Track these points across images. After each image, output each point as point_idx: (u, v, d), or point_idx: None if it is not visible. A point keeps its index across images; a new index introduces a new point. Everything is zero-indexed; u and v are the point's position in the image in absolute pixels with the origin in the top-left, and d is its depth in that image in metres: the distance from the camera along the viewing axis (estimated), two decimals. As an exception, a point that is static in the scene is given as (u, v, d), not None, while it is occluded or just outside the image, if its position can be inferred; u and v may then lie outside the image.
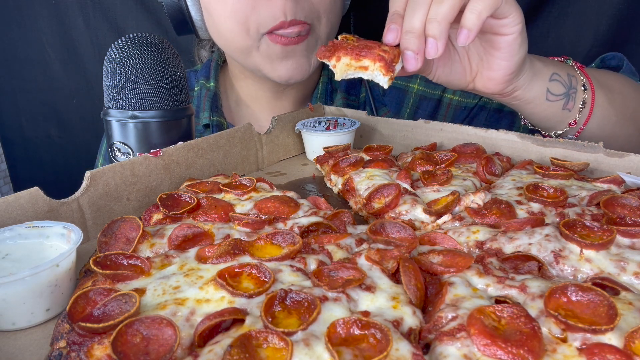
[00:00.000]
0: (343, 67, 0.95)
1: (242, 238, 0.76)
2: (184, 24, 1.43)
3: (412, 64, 0.93)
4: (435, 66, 1.08)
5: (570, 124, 1.13)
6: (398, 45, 0.94)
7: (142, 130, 1.05)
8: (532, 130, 1.22)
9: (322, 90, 1.61)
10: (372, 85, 1.64)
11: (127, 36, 1.06)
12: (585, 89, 1.12)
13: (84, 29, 2.30)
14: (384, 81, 0.93)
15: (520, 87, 1.07)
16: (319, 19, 1.34)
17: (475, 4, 0.88)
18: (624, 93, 1.19)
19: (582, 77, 1.12)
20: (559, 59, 1.17)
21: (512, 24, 0.94)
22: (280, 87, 1.58)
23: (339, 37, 0.98)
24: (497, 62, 1.01)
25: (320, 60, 0.97)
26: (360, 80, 1.65)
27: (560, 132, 1.16)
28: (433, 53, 0.91)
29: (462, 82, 1.10)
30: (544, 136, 1.18)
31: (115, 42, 1.06)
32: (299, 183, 1.19)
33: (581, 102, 1.11)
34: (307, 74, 1.45)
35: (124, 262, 0.69)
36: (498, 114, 1.54)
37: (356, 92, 1.65)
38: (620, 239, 0.71)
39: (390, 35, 0.94)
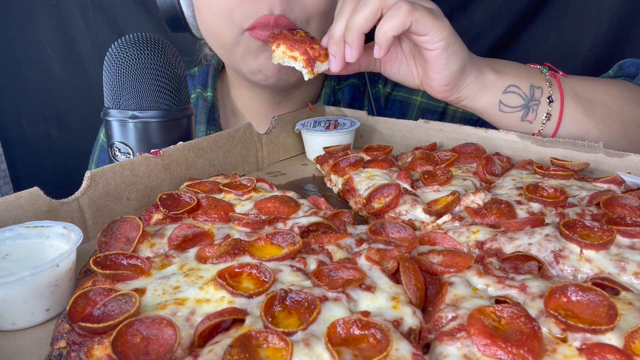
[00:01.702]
0: (280, 54, 1.11)
1: (242, 238, 0.76)
2: (176, 20, 1.41)
3: (332, 65, 1.08)
4: (382, 65, 1.18)
5: (534, 134, 1.15)
6: None
7: (142, 130, 1.05)
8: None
9: (325, 103, 1.59)
10: (375, 96, 1.64)
11: (127, 36, 1.06)
12: (551, 102, 1.12)
13: (84, 29, 2.30)
14: (304, 73, 1.09)
15: (465, 98, 1.13)
16: (307, 22, 1.30)
17: (383, 23, 0.98)
18: (610, 106, 1.16)
19: (549, 89, 1.13)
20: (539, 66, 1.18)
21: (433, 42, 1.01)
22: (276, 97, 1.54)
23: (295, 31, 1.15)
24: (430, 73, 1.09)
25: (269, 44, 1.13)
26: (363, 92, 1.65)
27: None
28: (349, 58, 1.05)
29: (412, 83, 1.18)
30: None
31: (115, 42, 1.06)
32: (299, 183, 1.19)
33: (545, 114, 1.13)
34: (289, 76, 1.37)
35: (124, 262, 0.69)
36: None
37: (359, 105, 1.64)
38: (620, 239, 0.71)
39: (325, 38, 1.10)
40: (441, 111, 1.58)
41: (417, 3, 0.98)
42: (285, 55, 1.09)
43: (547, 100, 1.12)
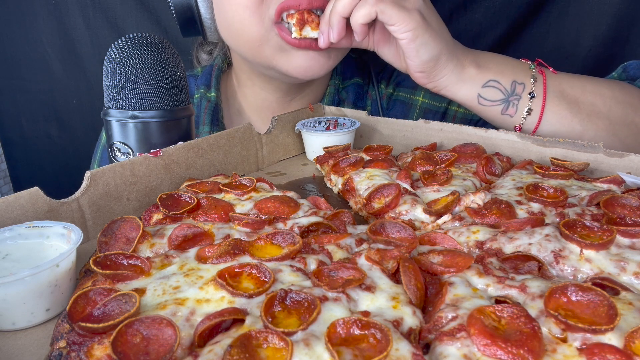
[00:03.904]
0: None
1: (242, 238, 0.76)
2: (192, 23, 1.37)
3: (320, 40, 1.20)
4: (375, 45, 1.25)
5: (515, 128, 1.19)
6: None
7: (142, 130, 1.05)
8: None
9: (329, 102, 1.58)
10: (379, 96, 1.64)
11: (127, 36, 1.06)
12: (532, 97, 1.16)
13: (84, 29, 2.30)
14: (292, 30, 1.23)
15: (443, 87, 1.19)
16: None
17: (355, 12, 1.10)
18: (597, 105, 1.18)
19: (532, 85, 1.16)
20: (529, 62, 1.21)
21: (400, 31, 1.08)
22: (288, 96, 1.54)
23: None
24: (407, 61, 1.17)
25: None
26: (366, 92, 1.65)
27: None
28: (331, 38, 1.16)
29: (398, 66, 1.25)
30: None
31: (115, 42, 1.06)
32: (299, 183, 1.19)
33: (526, 109, 1.17)
34: (325, 67, 1.36)
35: (124, 262, 0.69)
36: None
37: (363, 105, 1.64)
38: (620, 239, 0.71)
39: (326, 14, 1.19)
40: (443, 111, 1.58)
41: None
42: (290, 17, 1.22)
43: (529, 96, 1.16)
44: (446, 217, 0.87)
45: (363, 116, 1.37)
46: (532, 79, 1.17)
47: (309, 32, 1.22)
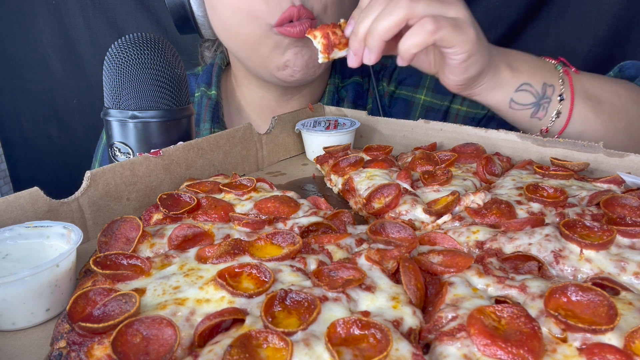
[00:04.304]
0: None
1: (242, 238, 0.75)
2: (185, 21, 1.39)
3: (350, 61, 1.08)
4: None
5: (542, 131, 1.16)
6: None
7: (142, 130, 1.05)
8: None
9: (329, 101, 1.59)
10: (379, 95, 1.64)
11: (127, 36, 1.06)
12: (562, 100, 1.13)
13: (84, 29, 2.30)
14: (320, 56, 1.10)
15: (478, 94, 1.14)
16: (325, 11, 1.30)
17: (406, 39, 0.99)
18: (616, 105, 1.16)
19: (561, 87, 1.13)
20: (554, 61, 1.18)
21: (456, 53, 1.02)
22: (286, 95, 1.55)
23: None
24: (447, 74, 1.10)
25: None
26: (367, 90, 1.64)
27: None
28: (367, 60, 1.05)
29: (427, 70, 1.18)
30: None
31: (115, 42, 1.06)
32: (299, 183, 1.19)
33: (555, 113, 1.13)
34: (315, 70, 1.38)
35: (124, 262, 0.69)
36: (510, 125, 1.51)
37: (363, 103, 1.64)
38: (620, 239, 0.71)
39: (348, 28, 1.08)
40: (445, 109, 1.58)
41: (442, 18, 0.98)
42: (309, 33, 1.12)
43: (558, 99, 1.12)
44: (446, 217, 0.87)
45: (363, 116, 1.37)
46: (560, 80, 1.14)
47: (337, 53, 1.11)
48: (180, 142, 1.06)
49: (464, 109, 1.56)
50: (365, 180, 1.01)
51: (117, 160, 1.05)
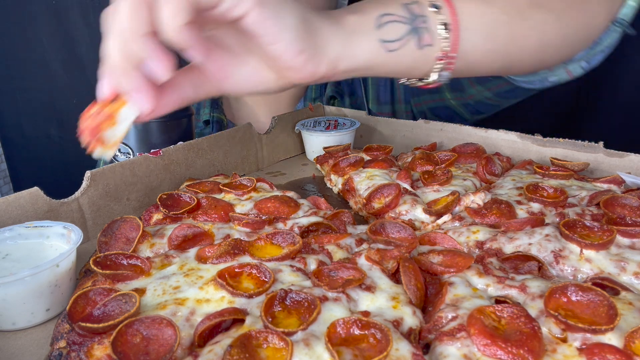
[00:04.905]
0: None
1: (242, 238, 0.75)
2: None
3: (141, 104, 0.68)
4: (218, 81, 0.79)
5: (438, 59, 0.86)
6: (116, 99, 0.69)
7: (142, 130, 1.05)
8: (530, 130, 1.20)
9: (316, 85, 1.57)
10: (372, 84, 1.62)
11: (127, 36, 1.06)
12: (437, 8, 0.84)
13: (84, 29, 2.30)
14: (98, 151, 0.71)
15: (338, 59, 0.80)
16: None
17: (160, 17, 0.64)
18: None
19: None
20: None
21: (233, 3, 0.68)
22: None
23: None
24: (270, 49, 0.74)
25: None
26: (359, 80, 1.63)
27: (433, 74, 0.87)
28: (162, 75, 0.66)
29: (269, 84, 0.82)
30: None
31: (115, 42, 1.06)
32: (299, 183, 1.19)
33: (441, 26, 0.84)
34: None
35: (124, 262, 0.69)
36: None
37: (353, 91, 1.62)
38: (620, 239, 0.71)
39: (103, 85, 0.69)
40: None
41: None
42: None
43: (433, 9, 0.84)
44: (446, 217, 0.87)
45: (363, 116, 1.37)
46: None
47: (115, 130, 0.67)
48: (180, 142, 1.06)
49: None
50: (365, 180, 1.01)
51: (117, 160, 1.05)
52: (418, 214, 0.88)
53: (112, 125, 0.69)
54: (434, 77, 0.87)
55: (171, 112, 1.08)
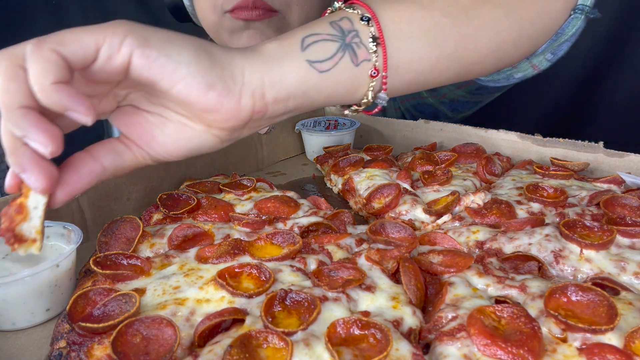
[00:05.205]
0: None
1: (242, 238, 0.76)
2: (178, 8, 1.45)
3: (36, 183, 0.60)
4: (142, 145, 0.70)
5: (372, 75, 0.77)
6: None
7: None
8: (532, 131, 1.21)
9: None
10: None
11: (127, 36, 1.06)
12: (364, 20, 0.76)
13: (84, 29, 2.30)
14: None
15: (264, 88, 0.69)
16: (288, 6, 1.26)
17: (31, 76, 0.56)
18: None
19: (351, 10, 0.78)
20: (328, 9, 0.82)
21: (113, 47, 0.61)
22: None
23: None
24: (176, 92, 0.64)
25: None
26: None
27: (369, 92, 0.78)
28: (53, 144, 0.58)
29: (202, 140, 0.71)
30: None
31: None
32: (299, 183, 1.19)
33: (370, 39, 0.76)
34: None
35: (124, 262, 0.69)
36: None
37: None
38: (620, 239, 0.71)
39: (6, 180, 0.64)
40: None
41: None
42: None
43: (362, 22, 0.76)
44: (446, 217, 0.87)
45: (363, 116, 1.37)
46: (350, 9, 0.78)
47: (24, 228, 0.63)
48: (180, 142, 1.05)
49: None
50: (365, 180, 1.01)
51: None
52: (418, 214, 0.88)
53: (25, 219, 0.62)
54: (370, 96, 0.78)
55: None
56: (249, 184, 0.96)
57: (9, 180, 0.63)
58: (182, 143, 0.72)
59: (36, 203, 0.63)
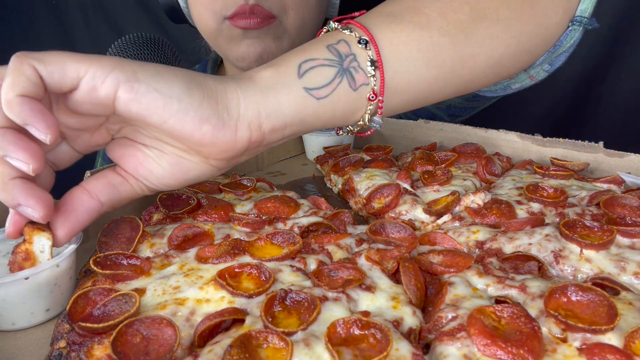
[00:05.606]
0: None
1: (242, 238, 0.76)
2: (174, 11, 1.46)
3: (34, 213, 0.60)
4: (137, 177, 0.72)
5: (370, 99, 0.77)
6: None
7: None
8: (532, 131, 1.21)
9: None
10: None
11: (127, 36, 1.06)
12: (361, 43, 0.75)
13: (84, 29, 2.30)
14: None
15: (261, 117, 0.69)
16: (285, 11, 1.27)
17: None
18: (449, 6, 0.81)
19: (348, 32, 0.77)
20: (324, 29, 0.82)
21: (99, 78, 0.60)
22: None
23: None
24: (168, 126, 0.64)
25: None
26: None
27: (366, 115, 0.80)
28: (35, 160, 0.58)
29: (197, 170, 0.73)
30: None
31: (115, 42, 1.06)
32: (299, 183, 1.19)
33: (368, 62, 0.76)
34: (273, 57, 1.09)
35: (124, 262, 0.69)
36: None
37: None
38: (620, 239, 0.71)
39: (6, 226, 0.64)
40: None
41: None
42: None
43: (360, 45, 0.76)
44: (446, 217, 0.87)
45: (363, 116, 1.37)
46: (347, 31, 0.77)
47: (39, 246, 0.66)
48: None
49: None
50: (365, 180, 1.01)
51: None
52: (418, 214, 0.88)
53: (34, 264, 0.64)
54: (367, 119, 0.79)
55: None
56: (249, 184, 0.96)
57: (9, 228, 0.63)
58: (180, 175, 0.72)
59: (42, 247, 0.63)
